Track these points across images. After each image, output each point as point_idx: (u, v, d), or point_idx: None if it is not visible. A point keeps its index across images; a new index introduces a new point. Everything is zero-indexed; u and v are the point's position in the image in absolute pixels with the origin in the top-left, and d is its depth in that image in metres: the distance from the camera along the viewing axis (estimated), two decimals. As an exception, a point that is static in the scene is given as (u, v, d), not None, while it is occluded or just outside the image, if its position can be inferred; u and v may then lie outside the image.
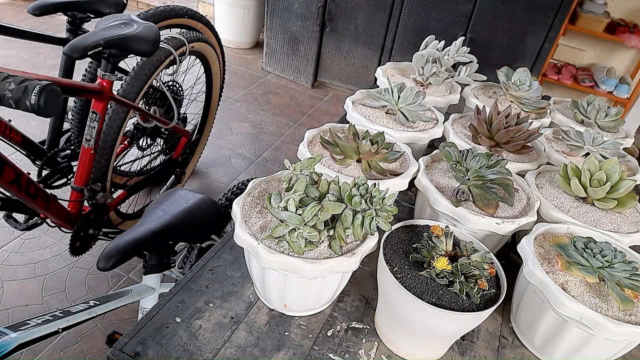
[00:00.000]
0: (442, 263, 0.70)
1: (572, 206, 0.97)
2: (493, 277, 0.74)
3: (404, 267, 0.73)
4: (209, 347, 0.73)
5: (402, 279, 0.70)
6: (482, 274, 0.71)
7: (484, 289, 0.70)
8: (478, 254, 0.74)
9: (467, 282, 0.70)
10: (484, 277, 0.71)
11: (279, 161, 2.83)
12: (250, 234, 0.72)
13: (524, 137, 1.11)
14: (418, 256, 0.74)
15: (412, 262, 0.74)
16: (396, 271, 0.72)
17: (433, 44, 1.38)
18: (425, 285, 0.70)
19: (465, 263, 0.72)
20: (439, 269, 0.70)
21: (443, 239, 0.76)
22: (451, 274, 0.70)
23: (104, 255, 0.99)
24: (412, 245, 0.77)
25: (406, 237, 0.79)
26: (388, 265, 0.72)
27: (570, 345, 0.76)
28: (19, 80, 0.99)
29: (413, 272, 0.72)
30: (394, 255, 0.75)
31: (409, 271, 0.72)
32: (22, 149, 1.63)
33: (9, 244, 1.94)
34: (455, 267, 0.71)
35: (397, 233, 0.80)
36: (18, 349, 0.83)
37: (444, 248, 0.75)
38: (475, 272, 0.71)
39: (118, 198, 1.79)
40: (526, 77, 1.36)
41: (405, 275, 0.71)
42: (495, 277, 0.75)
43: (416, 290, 0.69)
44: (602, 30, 3.26)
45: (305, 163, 0.76)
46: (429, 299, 0.68)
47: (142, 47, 1.41)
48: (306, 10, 3.43)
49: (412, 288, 0.69)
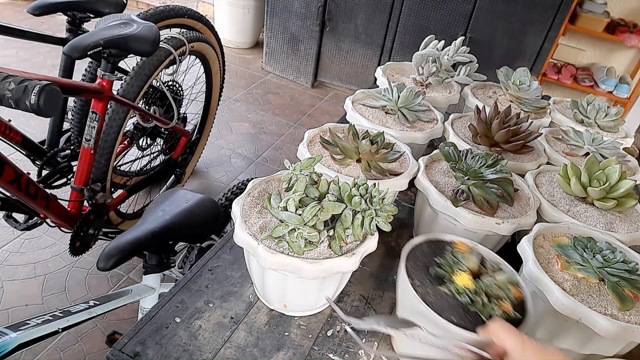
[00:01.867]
0: (463, 279, 0.67)
1: (571, 206, 0.97)
2: (518, 301, 0.69)
3: (425, 281, 0.70)
4: (208, 347, 0.73)
5: (423, 293, 0.68)
6: (507, 296, 0.67)
7: (507, 312, 0.65)
8: (504, 274, 0.70)
9: (490, 302, 0.66)
10: (508, 300, 0.67)
11: (278, 161, 2.83)
12: (250, 234, 0.72)
13: (524, 137, 1.11)
14: (440, 271, 0.71)
15: (434, 277, 0.71)
16: (417, 285, 0.69)
17: (433, 43, 1.38)
18: (446, 302, 0.67)
19: (489, 282, 0.67)
20: (460, 285, 0.67)
21: (468, 256, 0.72)
22: (473, 293, 0.66)
23: (104, 255, 0.99)
24: (435, 259, 0.74)
25: (430, 251, 0.76)
26: (409, 279, 0.69)
27: (570, 345, 0.76)
28: (19, 80, 0.99)
29: (434, 287, 0.69)
30: (416, 269, 0.72)
31: (430, 286, 0.69)
32: (22, 149, 1.63)
33: (9, 244, 1.94)
34: (478, 286, 0.67)
35: (421, 247, 0.77)
36: (18, 349, 0.83)
37: (467, 265, 0.71)
38: (500, 293, 0.67)
39: (118, 198, 1.79)
40: (526, 77, 1.36)
41: (426, 290, 0.68)
42: (522, 301, 0.70)
43: (436, 306, 0.66)
44: (602, 30, 3.26)
45: (305, 163, 0.76)
46: (449, 316, 0.65)
47: (142, 47, 1.41)
48: (306, 10, 3.43)
49: (432, 303, 0.66)
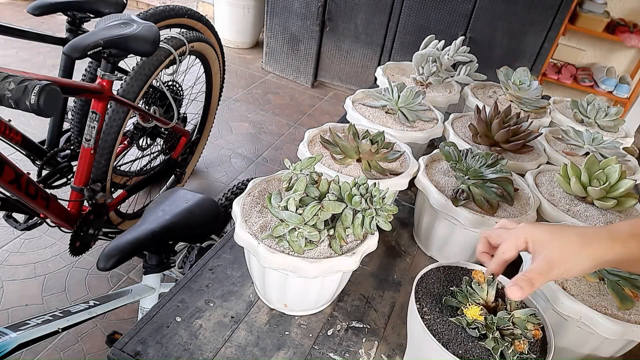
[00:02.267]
0: (473, 312, 0.63)
1: (571, 205, 0.97)
2: (537, 341, 0.64)
3: (434, 309, 0.67)
4: (209, 347, 0.73)
5: (430, 322, 0.64)
6: (523, 335, 0.62)
7: (521, 352, 0.60)
8: (523, 310, 0.65)
9: (502, 339, 0.61)
10: (524, 339, 0.61)
11: (279, 161, 2.83)
12: (250, 234, 0.72)
13: (524, 136, 1.11)
14: (452, 300, 0.67)
15: (445, 306, 0.67)
16: (425, 312, 0.66)
17: (433, 43, 1.38)
18: (454, 334, 0.63)
19: (504, 318, 0.63)
20: (470, 319, 0.63)
21: (484, 287, 0.67)
22: (485, 327, 0.62)
23: (104, 255, 0.99)
24: (449, 287, 0.70)
25: (445, 277, 0.72)
26: (417, 304, 0.66)
27: (570, 344, 0.76)
28: (19, 80, 0.99)
29: (444, 317, 0.66)
30: (426, 295, 0.68)
31: (439, 315, 0.66)
32: (22, 149, 1.63)
33: (9, 244, 1.94)
34: (490, 320, 0.62)
35: (436, 272, 0.73)
36: (18, 349, 0.83)
37: (483, 297, 0.67)
38: (516, 330, 0.62)
39: (118, 198, 1.79)
40: (526, 77, 1.36)
41: (435, 319, 0.65)
42: (542, 341, 0.65)
43: (442, 337, 0.62)
44: (602, 30, 3.26)
45: (305, 163, 0.76)
46: (455, 349, 0.61)
47: (142, 46, 1.41)
48: (306, 9, 3.43)
49: (438, 334, 0.63)
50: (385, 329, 0.83)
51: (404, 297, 0.90)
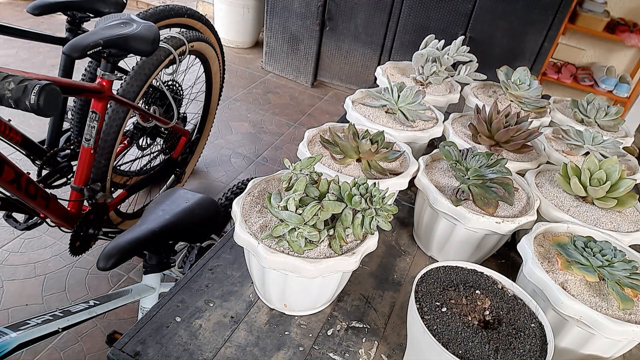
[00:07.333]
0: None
1: (572, 205, 0.97)
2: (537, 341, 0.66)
3: (434, 309, 0.67)
4: (209, 347, 0.73)
5: (430, 322, 0.64)
6: None
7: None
8: None
9: None
10: None
11: (278, 161, 2.83)
12: (250, 234, 0.72)
13: (524, 136, 1.11)
14: (452, 301, 0.68)
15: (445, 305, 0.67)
16: (425, 312, 0.66)
17: (433, 43, 1.38)
18: (454, 334, 0.63)
19: None
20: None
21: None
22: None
23: (104, 254, 0.99)
24: (449, 288, 0.71)
25: (445, 277, 0.72)
26: (417, 304, 0.66)
27: (570, 344, 0.76)
28: (19, 80, 0.99)
29: (444, 317, 0.66)
30: (426, 295, 0.68)
31: (439, 315, 0.66)
32: (22, 148, 1.63)
33: (9, 243, 1.94)
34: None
35: (436, 272, 0.73)
36: (18, 349, 0.83)
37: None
38: None
39: (118, 198, 1.79)
40: (526, 76, 1.36)
41: (434, 319, 0.65)
42: (542, 341, 0.66)
43: (442, 337, 0.62)
44: (602, 29, 3.26)
45: (305, 162, 0.76)
46: (455, 349, 0.61)
47: (142, 46, 1.41)
48: (306, 9, 3.43)
49: (438, 334, 0.63)
50: (385, 329, 0.83)
51: (404, 297, 0.90)
